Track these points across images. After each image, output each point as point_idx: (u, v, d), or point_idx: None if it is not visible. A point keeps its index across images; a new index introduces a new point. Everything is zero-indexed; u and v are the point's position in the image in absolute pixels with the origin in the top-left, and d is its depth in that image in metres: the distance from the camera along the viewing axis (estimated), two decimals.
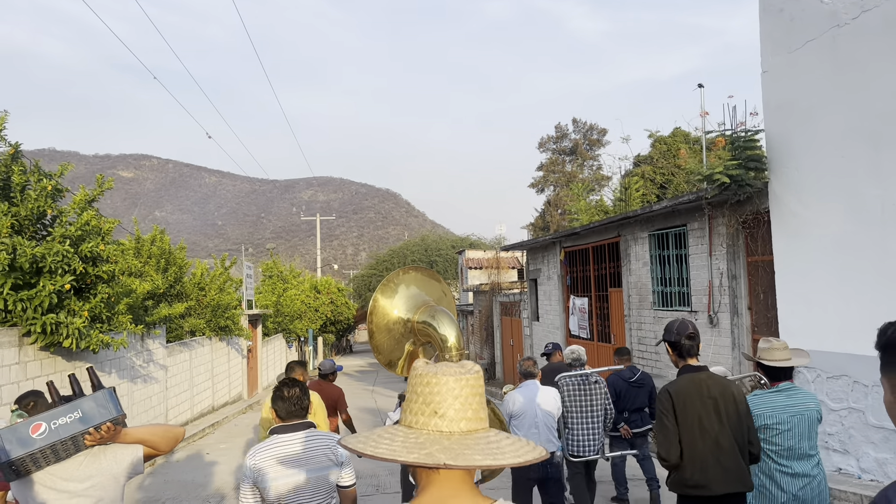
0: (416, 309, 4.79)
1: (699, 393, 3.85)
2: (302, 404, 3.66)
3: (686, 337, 3.98)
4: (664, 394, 3.93)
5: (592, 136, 62.51)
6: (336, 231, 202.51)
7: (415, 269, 5.14)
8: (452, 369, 1.58)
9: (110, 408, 2.85)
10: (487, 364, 25.71)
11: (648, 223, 11.64)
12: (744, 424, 3.87)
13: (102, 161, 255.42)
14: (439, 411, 1.53)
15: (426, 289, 5.09)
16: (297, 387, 3.68)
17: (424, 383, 1.57)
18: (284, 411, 3.64)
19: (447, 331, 4.48)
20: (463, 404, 1.54)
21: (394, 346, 4.87)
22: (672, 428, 3.83)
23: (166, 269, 17.57)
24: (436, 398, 1.54)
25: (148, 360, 13.50)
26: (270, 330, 29.23)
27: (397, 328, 4.82)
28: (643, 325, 11.97)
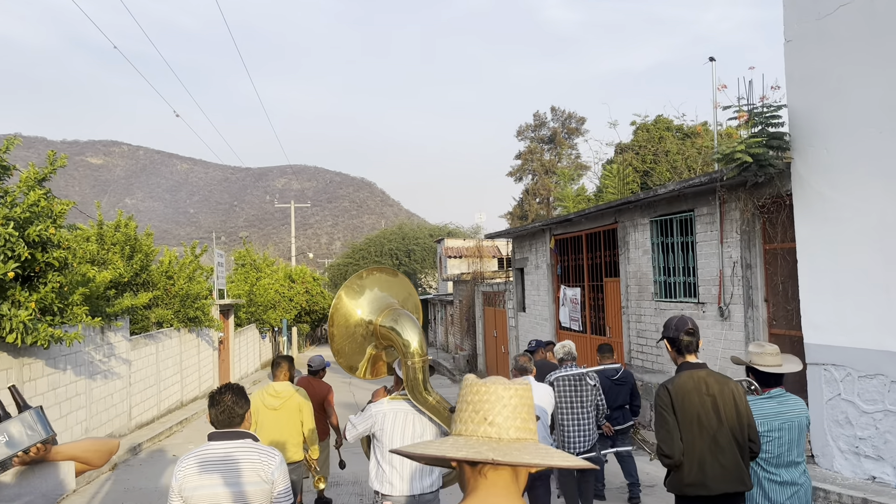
0: (379, 311, 4.73)
1: (698, 390, 3.79)
2: (233, 412, 3.42)
3: (685, 333, 3.90)
4: (663, 391, 3.85)
5: (571, 124, 62.03)
6: (310, 220, 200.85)
7: (379, 270, 5.09)
8: (502, 379, 1.64)
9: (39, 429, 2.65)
10: (469, 355, 24.95)
11: (650, 209, 10.89)
12: (743, 422, 3.80)
13: (71, 147, 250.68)
14: (489, 418, 1.58)
15: (391, 290, 5.04)
16: (229, 392, 3.47)
17: (474, 392, 1.62)
18: (215, 419, 3.44)
19: (410, 336, 4.48)
20: (512, 412, 1.59)
21: (355, 349, 4.82)
22: (673, 424, 3.77)
23: (131, 257, 16.54)
24: (485, 406, 1.59)
25: (109, 354, 12.51)
26: (243, 320, 28.19)
27: (359, 331, 4.76)
28: (643, 318, 11.24)
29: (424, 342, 4.59)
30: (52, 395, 10.09)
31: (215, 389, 3.53)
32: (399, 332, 4.57)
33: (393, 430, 4.41)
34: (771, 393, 4.16)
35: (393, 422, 4.44)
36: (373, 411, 4.53)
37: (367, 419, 4.53)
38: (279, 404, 6.07)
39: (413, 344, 4.49)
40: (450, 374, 25.24)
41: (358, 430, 4.59)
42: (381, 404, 4.56)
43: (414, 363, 4.45)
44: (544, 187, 58.67)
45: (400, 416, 4.45)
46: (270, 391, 6.17)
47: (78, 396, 11.10)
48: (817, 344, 7.45)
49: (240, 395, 3.50)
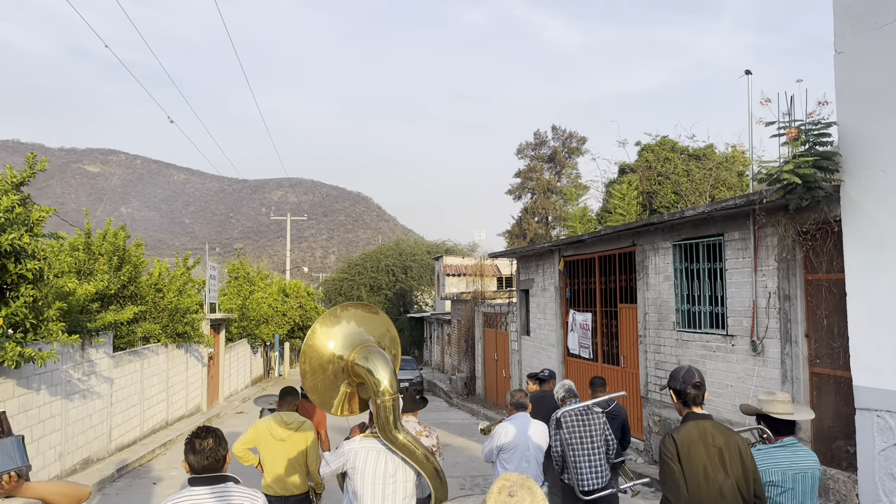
0: (352, 347, 4.73)
1: (704, 441, 3.73)
2: (216, 456, 3.30)
3: (692, 386, 3.86)
4: (669, 440, 3.77)
5: (572, 143, 61.60)
6: (305, 233, 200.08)
7: (357, 306, 5.06)
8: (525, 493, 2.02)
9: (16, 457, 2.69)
10: (467, 378, 24.13)
11: (673, 232, 10.18)
12: (749, 476, 3.72)
13: (68, 154, 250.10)
14: None
15: (368, 326, 5.01)
16: (210, 436, 3.33)
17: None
18: (197, 465, 3.29)
19: (381, 374, 4.46)
20: None
21: (328, 385, 4.79)
22: (679, 474, 3.70)
23: (119, 268, 15.75)
24: None
25: (89, 372, 11.69)
26: (235, 335, 27.35)
27: (330, 367, 4.74)
28: (662, 348, 10.50)
29: (395, 380, 4.56)
30: (23, 418, 9.28)
31: (193, 434, 3.35)
32: (370, 369, 4.54)
33: (364, 467, 4.45)
34: (783, 442, 4.06)
35: (364, 460, 4.47)
36: (345, 449, 4.58)
37: (340, 457, 4.57)
38: (287, 436, 6.00)
39: (383, 382, 4.46)
40: (446, 397, 24.41)
41: (331, 467, 4.61)
42: (352, 442, 4.61)
43: (384, 402, 4.43)
44: (543, 206, 58.15)
45: (372, 454, 4.48)
46: (278, 421, 6.06)
47: (52, 419, 10.28)
48: (869, 387, 6.70)
49: (220, 436, 3.39)
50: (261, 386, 30.00)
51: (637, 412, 11.32)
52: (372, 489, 4.44)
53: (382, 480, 4.45)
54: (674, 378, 3.98)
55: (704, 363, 9.47)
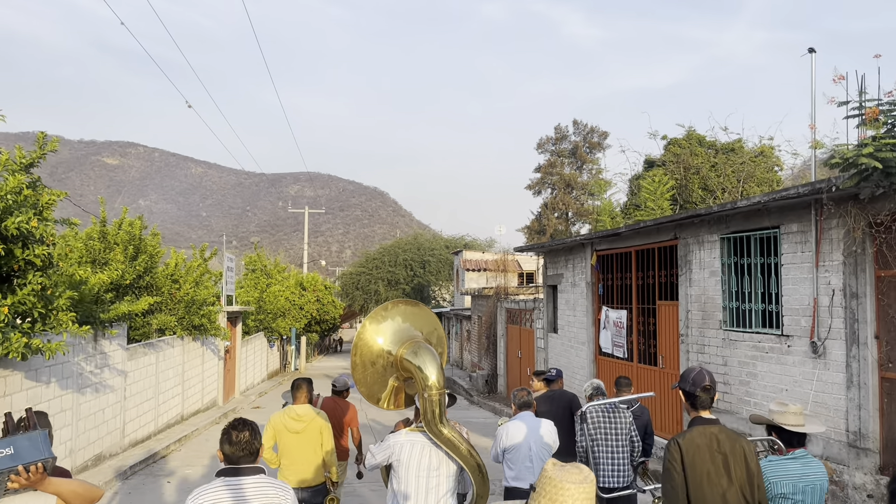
0: (401, 343, 4.85)
1: (709, 447, 3.71)
2: (251, 448, 3.44)
3: (702, 389, 3.83)
4: (674, 445, 3.75)
5: (593, 138, 60.73)
6: (322, 227, 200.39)
7: (406, 303, 5.22)
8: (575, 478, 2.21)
9: (43, 450, 2.83)
10: (488, 375, 23.54)
11: (721, 224, 9.52)
12: (754, 482, 3.69)
13: (87, 147, 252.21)
14: None
15: (416, 322, 5.12)
16: (247, 429, 3.46)
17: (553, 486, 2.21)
18: (232, 455, 3.41)
19: (429, 369, 4.55)
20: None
21: (377, 379, 4.92)
22: (680, 482, 3.68)
23: (135, 258, 15.29)
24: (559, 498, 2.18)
25: (102, 364, 11.23)
26: (251, 328, 26.93)
27: (380, 361, 4.88)
28: (707, 348, 9.85)
29: (443, 376, 4.65)
30: None
31: (230, 425, 3.49)
32: (418, 364, 4.62)
33: (409, 461, 4.53)
34: (795, 454, 4.06)
35: (409, 453, 4.55)
36: (391, 442, 4.66)
37: (386, 449, 4.66)
38: (302, 427, 6.10)
39: (431, 377, 4.54)
40: (466, 394, 23.82)
41: (377, 459, 4.70)
42: (398, 435, 4.70)
43: (430, 396, 4.50)
44: (564, 202, 57.39)
45: (416, 448, 4.57)
46: (292, 414, 6.16)
47: (63, 413, 9.81)
48: None
49: (256, 429, 3.51)
50: (277, 380, 29.58)
51: (676, 415, 10.69)
52: (416, 482, 4.51)
53: (426, 473, 4.53)
54: (684, 379, 3.96)
55: (755, 365, 8.82)
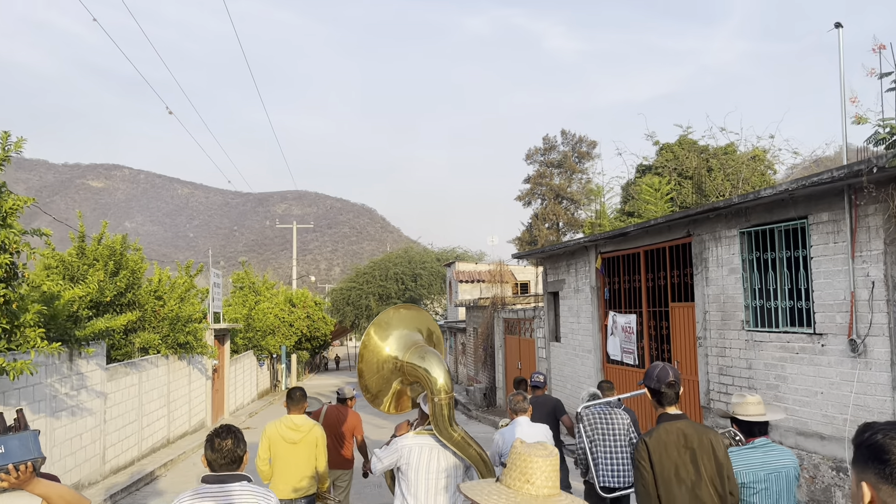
0: (406, 348, 4.87)
1: (676, 443, 3.70)
2: (233, 456, 3.41)
3: (666, 385, 3.82)
4: (640, 444, 3.74)
5: (582, 148, 60.47)
6: (310, 245, 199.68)
7: (406, 308, 5.26)
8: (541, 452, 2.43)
9: (33, 449, 2.86)
10: (486, 388, 22.81)
11: (740, 217, 8.91)
12: (723, 473, 3.69)
13: (72, 170, 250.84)
14: (531, 480, 2.37)
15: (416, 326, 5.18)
16: (230, 437, 3.43)
17: (522, 460, 2.41)
18: (215, 462, 3.40)
19: (437, 373, 4.58)
20: (546, 477, 2.38)
21: (382, 384, 4.97)
22: (649, 480, 3.66)
23: (116, 274, 14.54)
24: (528, 471, 2.38)
25: (79, 386, 10.46)
26: (240, 346, 26.09)
27: (387, 366, 4.91)
28: (728, 351, 9.21)
29: (450, 379, 4.66)
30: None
31: (214, 432, 3.47)
32: (426, 368, 4.64)
33: (419, 464, 4.49)
34: (755, 443, 4.07)
35: (419, 456, 4.51)
36: (398, 445, 4.61)
37: (393, 453, 4.62)
38: (299, 438, 6.02)
39: (440, 381, 4.56)
40: (464, 409, 23.06)
41: (384, 463, 4.68)
42: (406, 438, 4.64)
43: (441, 399, 4.51)
44: (554, 212, 56.96)
45: (426, 451, 4.54)
46: (289, 424, 6.08)
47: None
48: None
49: (240, 437, 3.48)
50: (267, 400, 28.71)
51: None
52: (426, 484, 4.45)
53: (436, 476, 4.48)
54: (648, 377, 3.93)
55: (784, 367, 8.18)
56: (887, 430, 1.67)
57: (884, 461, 1.63)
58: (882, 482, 1.63)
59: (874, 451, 1.66)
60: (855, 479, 1.71)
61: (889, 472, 1.62)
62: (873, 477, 1.64)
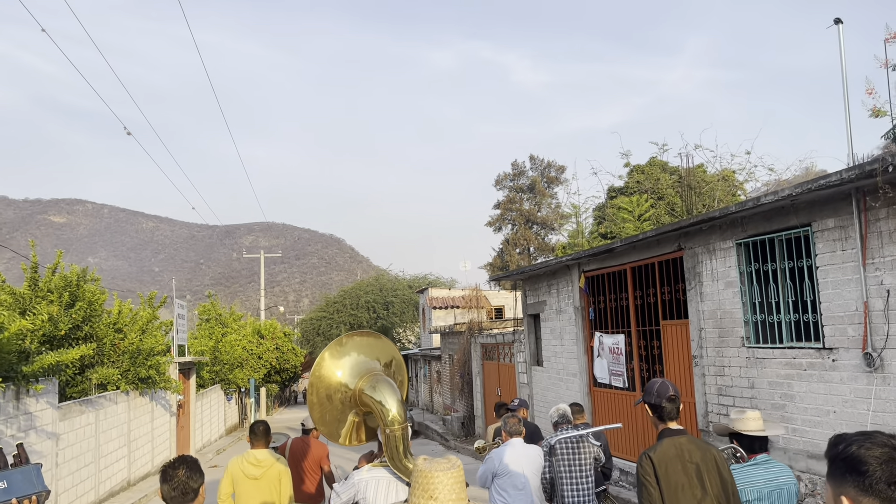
0: (359, 376, 4.78)
1: (681, 458, 3.61)
2: (186, 488, 3.23)
3: (667, 400, 3.77)
4: (646, 460, 3.63)
5: (550, 173, 60.56)
6: (278, 277, 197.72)
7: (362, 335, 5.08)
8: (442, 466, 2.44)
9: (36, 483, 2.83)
10: (464, 417, 22.08)
11: (736, 228, 8.45)
12: (728, 490, 3.61)
13: (33, 206, 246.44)
14: (434, 496, 2.38)
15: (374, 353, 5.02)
16: (182, 466, 3.27)
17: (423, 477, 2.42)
18: (168, 496, 3.25)
19: (389, 403, 4.51)
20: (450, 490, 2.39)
21: (336, 416, 4.85)
22: (656, 495, 3.56)
23: (72, 305, 13.66)
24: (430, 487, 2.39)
25: (26, 427, 9.59)
26: (206, 380, 25.07)
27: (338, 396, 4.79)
28: (727, 370, 8.69)
29: (404, 409, 4.56)
30: None
31: (168, 463, 3.33)
32: (378, 399, 4.56)
33: (376, 497, 4.41)
34: (756, 459, 4.03)
35: (375, 490, 4.45)
36: (354, 479, 4.57)
37: (350, 488, 4.57)
38: (260, 473, 5.82)
39: (392, 411, 4.47)
40: (441, 439, 22.29)
41: (342, 499, 4.59)
42: (361, 472, 4.60)
43: (393, 431, 4.43)
44: (525, 237, 56.76)
45: (382, 484, 4.46)
46: (251, 459, 5.87)
47: None
48: None
49: (194, 468, 3.31)
50: (236, 435, 27.61)
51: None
52: None
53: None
54: (648, 392, 3.87)
55: (790, 385, 7.67)
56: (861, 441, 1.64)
57: (862, 472, 1.60)
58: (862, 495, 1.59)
59: (851, 463, 1.62)
60: (832, 493, 1.67)
61: (869, 484, 1.58)
62: (853, 490, 1.61)
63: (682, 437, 3.71)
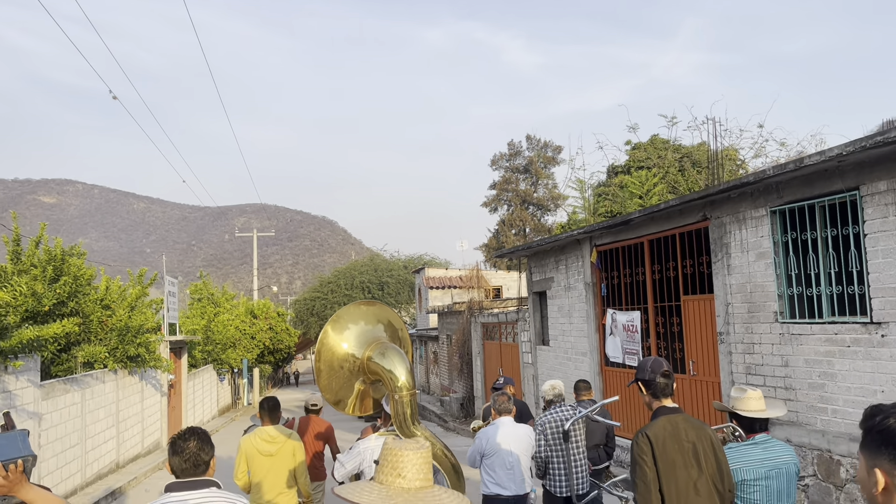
0: (366, 345, 4.74)
1: (676, 436, 3.55)
2: (198, 460, 3.12)
3: (661, 375, 3.70)
4: (642, 438, 3.57)
5: (547, 153, 59.75)
6: (270, 259, 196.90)
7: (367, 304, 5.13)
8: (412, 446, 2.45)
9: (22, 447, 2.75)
10: (463, 399, 21.56)
11: (770, 194, 7.84)
12: (723, 469, 3.58)
13: (22, 186, 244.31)
14: (402, 474, 2.39)
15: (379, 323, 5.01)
16: (193, 438, 3.17)
17: (393, 455, 2.42)
18: (178, 468, 3.12)
19: (398, 369, 4.49)
20: (418, 470, 2.40)
21: (342, 384, 4.81)
22: (652, 476, 3.50)
23: (56, 280, 12.99)
24: (399, 465, 2.40)
25: (5, 405, 8.96)
26: (199, 360, 24.44)
27: (346, 365, 4.77)
28: (758, 347, 8.12)
29: (412, 376, 4.48)
30: None
31: (177, 434, 3.21)
32: (386, 366, 4.48)
33: None
34: (755, 439, 3.96)
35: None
36: (360, 448, 4.52)
37: (355, 457, 4.52)
38: (275, 450, 5.76)
39: (401, 378, 4.41)
40: (440, 420, 21.77)
41: (346, 468, 4.54)
42: (368, 441, 4.55)
43: (402, 397, 4.37)
44: (521, 218, 56.16)
45: None
46: (264, 436, 5.81)
47: None
48: None
49: (205, 440, 3.21)
50: (229, 416, 27.05)
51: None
52: None
53: None
54: (641, 369, 3.82)
55: (831, 363, 7.10)
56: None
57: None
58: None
59: (887, 436, 1.57)
60: (865, 464, 1.65)
61: None
62: (887, 463, 1.57)
63: (678, 415, 3.65)
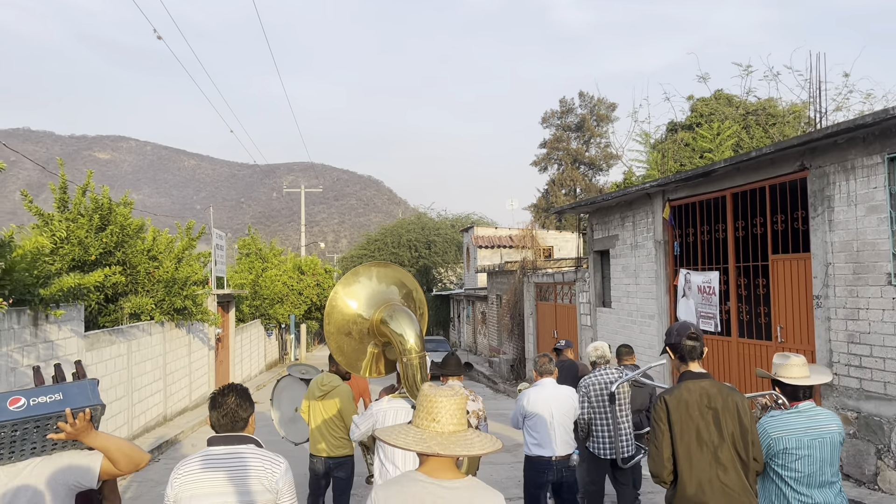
0: (376, 307, 4.76)
1: (698, 403, 3.48)
2: (236, 416, 3.12)
3: (688, 338, 3.60)
4: (659, 402, 3.53)
5: (600, 110, 58.06)
6: (317, 217, 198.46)
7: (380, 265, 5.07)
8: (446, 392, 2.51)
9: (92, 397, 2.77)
10: (513, 360, 20.94)
11: (888, 139, 6.88)
12: (748, 438, 3.47)
13: (79, 142, 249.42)
14: (437, 419, 2.47)
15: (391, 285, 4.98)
16: (232, 393, 3.16)
17: (428, 401, 2.50)
18: (217, 422, 3.13)
19: (406, 332, 4.51)
20: (451, 415, 2.47)
21: (354, 346, 4.86)
22: (664, 440, 3.47)
23: (102, 229, 12.65)
24: (434, 410, 2.48)
25: (46, 356, 8.58)
26: (246, 315, 24.27)
27: (354, 328, 4.78)
28: (863, 313, 7.23)
29: (421, 338, 4.53)
30: None
31: (218, 390, 3.22)
32: (394, 328, 4.53)
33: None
34: (799, 407, 3.79)
35: (394, 419, 4.41)
36: (373, 410, 4.58)
37: (368, 418, 4.58)
38: (324, 393, 6.11)
39: (409, 341, 4.46)
40: (489, 382, 21.22)
41: (361, 429, 4.65)
42: (380, 403, 4.61)
43: (410, 360, 4.44)
44: (572, 178, 54.84)
45: (401, 414, 4.44)
46: (319, 381, 6.19)
47: None
48: None
49: (244, 396, 3.20)
50: (276, 371, 26.99)
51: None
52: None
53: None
54: (668, 334, 3.73)
55: None
56: None
57: None
58: None
59: None
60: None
61: None
62: None
63: (705, 380, 3.55)
